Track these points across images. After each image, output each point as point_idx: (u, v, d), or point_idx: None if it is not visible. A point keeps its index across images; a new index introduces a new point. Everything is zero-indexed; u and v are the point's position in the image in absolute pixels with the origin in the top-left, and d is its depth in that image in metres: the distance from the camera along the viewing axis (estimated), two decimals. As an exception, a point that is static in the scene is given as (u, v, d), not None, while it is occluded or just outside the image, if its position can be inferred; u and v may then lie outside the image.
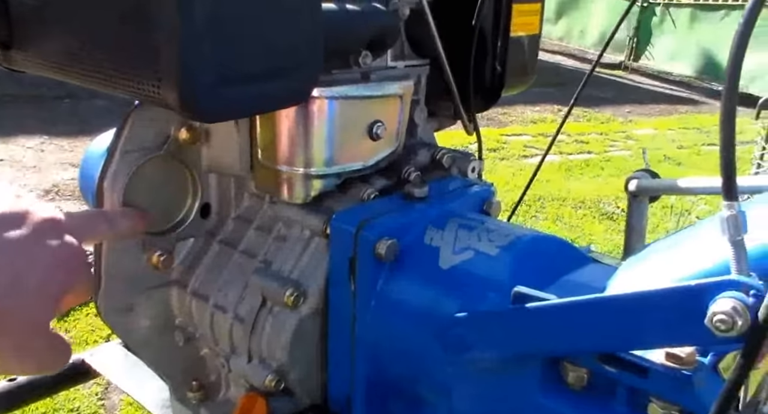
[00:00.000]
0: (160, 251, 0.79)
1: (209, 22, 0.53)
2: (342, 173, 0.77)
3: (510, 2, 0.86)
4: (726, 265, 0.46)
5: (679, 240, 0.58)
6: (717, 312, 0.43)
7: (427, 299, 0.67)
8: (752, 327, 0.42)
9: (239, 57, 0.56)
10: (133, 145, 0.75)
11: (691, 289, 0.45)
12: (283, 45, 0.59)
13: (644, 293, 0.48)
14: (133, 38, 0.54)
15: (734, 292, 0.43)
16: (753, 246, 0.48)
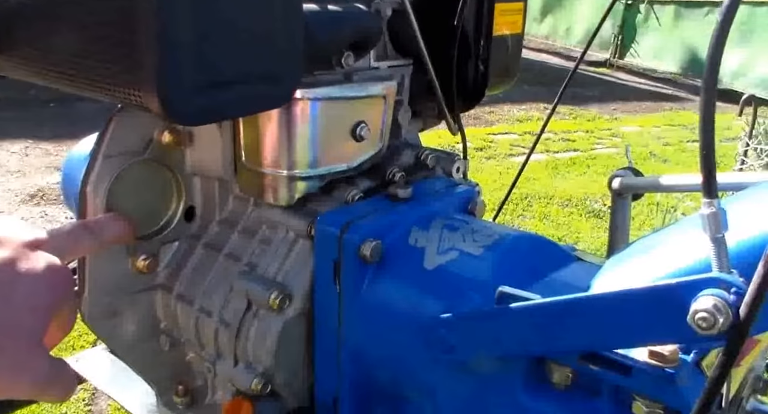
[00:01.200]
0: (144, 255, 0.79)
1: (189, 27, 0.52)
2: (326, 175, 0.77)
3: (492, 2, 0.86)
4: (708, 263, 0.46)
5: (662, 238, 0.58)
6: (698, 310, 0.43)
7: (413, 300, 0.67)
8: (733, 325, 0.42)
9: (220, 61, 0.55)
10: (115, 149, 0.74)
11: (673, 287, 0.45)
12: (263, 48, 0.59)
13: (627, 292, 0.49)
14: (114, 44, 0.54)
15: (715, 289, 0.43)
16: (735, 242, 0.49)
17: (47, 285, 0.47)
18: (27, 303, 0.45)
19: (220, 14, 0.55)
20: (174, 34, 0.52)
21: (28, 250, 0.47)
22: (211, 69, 0.56)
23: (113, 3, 0.53)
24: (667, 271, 0.52)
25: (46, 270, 0.47)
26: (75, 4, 0.56)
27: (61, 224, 2.84)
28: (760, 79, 6.68)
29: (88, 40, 0.57)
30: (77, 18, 0.57)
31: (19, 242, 0.47)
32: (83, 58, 0.58)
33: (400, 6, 0.80)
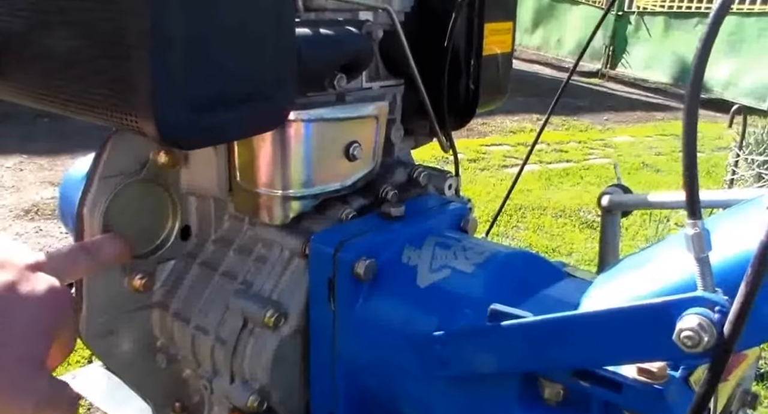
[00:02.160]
0: (141, 274, 0.80)
1: (182, 52, 0.54)
2: (320, 194, 0.78)
3: (482, 22, 0.87)
4: (693, 281, 0.48)
5: (649, 255, 0.59)
6: (684, 328, 0.44)
7: (406, 317, 0.68)
8: (718, 343, 0.43)
9: (214, 86, 0.56)
10: (112, 170, 0.75)
11: (659, 306, 0.46)
12: (257, 73, 0.60)
13: (614, 310, 0.50)
14: (109, 70, 0.55)
15: (700, 308, 0.45)
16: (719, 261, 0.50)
17: (48, 308, 0.47)
18: (29, 326, 0.45)
19: (213, 40, 0.56)
20: (167, 59, 0.53)
21: (29, 272, 0.48)
22: (206, 93, 0.57)
23: (107, 30, 0.54)
24: (653, 289, 0.53)
25: (47, 293, 0.48)
26: (69, 30, 0.58)
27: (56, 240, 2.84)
28: (749, 88, 6.75)
29: (83, 67, 0.58)
30: (72, 44, 0.58)
31: (21, 265, 0.48)
32: (79, 84, 0.59)
33: (391, 27, 0.82)
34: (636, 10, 8.11)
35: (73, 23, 0.56)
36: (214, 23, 0.56)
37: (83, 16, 0.55)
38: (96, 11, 0.54)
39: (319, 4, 0.77)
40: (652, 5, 7.97)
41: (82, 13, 0.55)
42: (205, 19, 0.55)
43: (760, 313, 0.46)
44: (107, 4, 0.53)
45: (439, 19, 0.85)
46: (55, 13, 0.57)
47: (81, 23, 0.56)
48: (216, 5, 0.56)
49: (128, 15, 0.52)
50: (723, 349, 0.43)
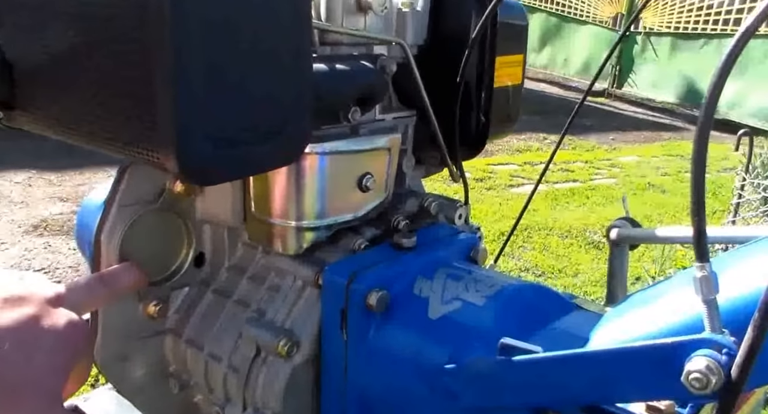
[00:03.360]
0: (155, 301, 0.81)
1: (204, 90, 0.55)
2: (333, 225, 0.79)
3: (493, 55, 0.89)
4: (700, 321, 0.49)
5: (659, 293, 0.60)
6: (692, 370, 0.45)
7: (417, 349, 0.69)
8: (725, 385, 0.44)
9: (234, 123, 0.58)
10: (129, 199, 0.77)
11: (668, 346, 0.48)
12: (276, 109, 0.62)
13: (625, 349, 0.51)
14: (131, 106, 0.57)
15: (708, 350, 0.46)
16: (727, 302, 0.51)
17: (67, 342, 0.49)
18: (50, 361, 0.47)
19: (234, 76, 0.58)
20: (190, 96, 0.55)
21: (50, 307, 0.50)
22: (226, 130, 0.58)
23: (129, 66, 0.55)
24: (662, 328, 0.54)
25: (66, 327, 0.49)
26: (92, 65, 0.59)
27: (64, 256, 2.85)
28: (755, 109, 6.76)
29: (104, 101, 0.59)
30: (94, 78, 0.60)
31: (42, 299, 0.50)
32: (100, 117, 0.61)
33: (404, 60, 0.83)
34: (643, 31, 8.15)
35: (96, 58, 0.58)
36: (236, 60, 0.57)
37: (106, 52, 0.57)
38: (119, 47, 0.56)
39: (335, 39, 0.79)
40: (658, 26, 8.01)
41: (105, 49, 0.57)
42: (226, 56, 0.57)
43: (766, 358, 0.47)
44: (131, 42, 0.55)
45: (452, 53, 0.87)
46: (78, 47, 0.59)
47: (103, 58, 0.57)
48: (237, 42, 0.57)
49: (152, 52, 0.54)
50: (730, 392, 0.44)
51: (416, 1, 0.86)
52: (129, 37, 0.54)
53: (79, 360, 0.51)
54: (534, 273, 3.02)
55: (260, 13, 0.59)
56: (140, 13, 0.53)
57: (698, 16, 7.56)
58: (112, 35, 0.55)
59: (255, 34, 0.58)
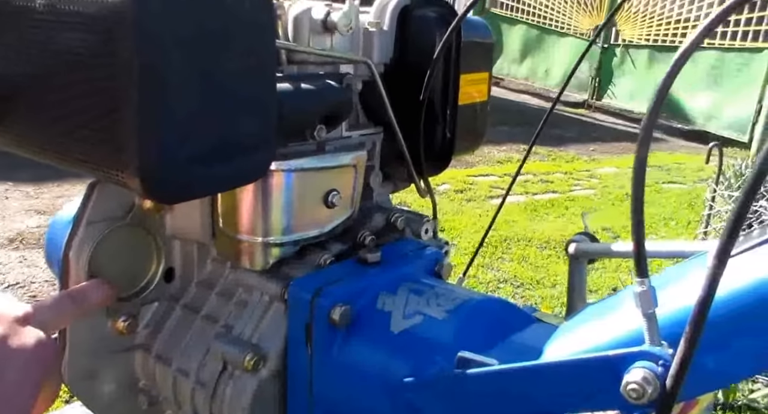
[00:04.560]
0: (124, 316, 0.82)
1: (169, 113, 0.57)
2: (299, 241, 0.81)
3: (458, 73, 0.92)
4: (642, 335, 0.51)
5: (607, 308, 0.62)
6: (630, 381, 0.47)
7: (379, 363, 0.71)
8: (661, 395, 0.46)
9: (199, 146, 0.59)
10: (98, 216, 0.78)
11: (610, 358, 0.50)
12: (241, 130, 0.63)
13: (571, 361, 0.53)
14: (97, 129, 0.58)
15: (645, 362, 0.48)
16: (667, 315, 0.53)
17: (37, 361, 0.50)
18: (18, 380, 0.48)
19: (198, 100, 0.59)
20: (154, 119, 0.56)
21: (18, 326, 0.51)
22: (190, 152, 0.60)
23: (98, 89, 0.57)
24: (607, 341, 0.56)
25: (35, 345, 0.50)
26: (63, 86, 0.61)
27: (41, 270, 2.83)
28: (730, 121, 6.88)
29: (71, 123, 0.61)
30: (62, 101, 0.61)
31: (9, 318, 0.51)
32: (67, 138, 0.62)
33: (371, 78, 0.86)
34: (621, 43, 8.27)
35: (64, 82, 0.60)
36: (200, 83, 0.59)
37: (77, 74, 0.58)
38: (85, 72, 0.57)
39: (302, 58, 0.81)
40: (637, 39, 8.13)
41: (72, 73, 0.58)
42: (190, 79, 0.58)
43: (702, 367, 0.50)
44: (96, 67, 0.56)
45: (417, 71, 0.89)
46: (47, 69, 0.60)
47: (70, 82, 0.59)
48: (201, 65, 0.59)
49: (120, 76, 0.55)
50: (666, 401, 0.46)
51: (382, 21, 0.88)
52: (94, 63, 0.56)
53: (49, 378, 0.52)
54: (512, 284, 3.05)
55: (224, 36, 0.60)
56: (106, 38, 0.54)
57: (675, 29, 7.69)
58: (79, 60, 0.57)
59: (219, 56, 0.60)
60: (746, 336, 0.49)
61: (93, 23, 0.55)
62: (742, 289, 0.49)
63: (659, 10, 7.88)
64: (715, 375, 0.52)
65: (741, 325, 0.49)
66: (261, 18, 0.63)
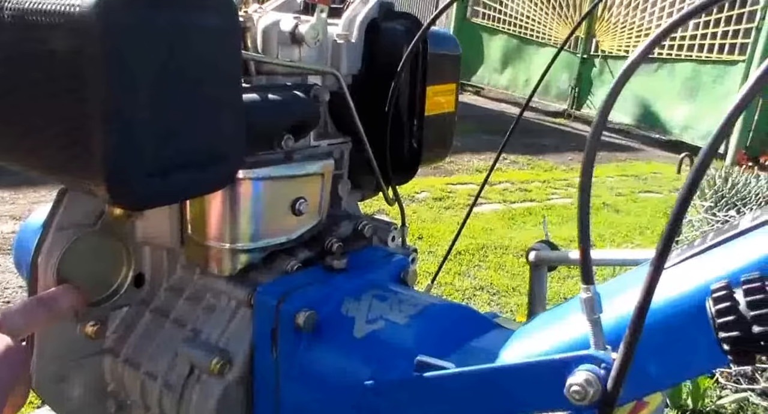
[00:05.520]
0: (93, 321, 0.83)
1: (136, 124, 0.58)
2: (267, 247, 0.82)
3: (424, 85, 0.94)
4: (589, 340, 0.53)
5: (558, 314, 0.65)
6: (573, 383, 0.49)
7: (343, 367, 0.72)
8: (602, 396, 0.49)
9: (166, 155, 0.61)
10: (67, 222, 0.79)
11: (555, 362, 0.52)
12: (207, 140, 0.65)
13: (520, 365, 0.55)
14: (65, 138, 0.59)
15: (589, 365, 0.50)
16: (613, 320, 0.56)
17: (5, 366, 0.51)
18: None
19: (165, 112, 0.61)
20: (122, 130, 0.58)
21: None
22: (158, 160, 0.61)
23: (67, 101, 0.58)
24: (559, 344, 0.58)
25: (4, 351, 0.51)
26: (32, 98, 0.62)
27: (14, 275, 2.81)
28: (706, 132, 6.99)
29: (40, 132, 0.62)
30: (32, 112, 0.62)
31: None
32: (36, 147, 0.63)
33: (339, 89, 0.88)
34: (600, 54, 8.38)
35: (34, 93, 0.61)
36: (167, 95, 0.61)
37: (43, 87, 0.60)
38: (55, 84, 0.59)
39: (270, 69, 0.83)
40: (616, 50, 8.24)
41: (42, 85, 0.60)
42: (158, 92, 0.60)
43: (643, 370, 0.52)
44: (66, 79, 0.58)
45: (385, 82, 0.91)
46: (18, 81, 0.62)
47: (40, 94, 0.60)
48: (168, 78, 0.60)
49: (88, 88, 0.57)
50: (607, 402, 0.48)
51: (351, 33, 0.90)
52: (64, 75, 0.57)
53: (17, 384, 0.53)
54: (488, 291, 3.08)
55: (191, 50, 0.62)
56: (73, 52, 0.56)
57: (653, 41, 7.81)
58: (48, 73, 0.58)
59: (186, 70, 0.62)
60: (685, 341, 0.51)
61: (60, 36, 0.56)
62: (681, 296, 0.52)
63: (638, 22, 8.00)
64: (657, 378, 0.54)
65: (680, 330, 0.51)
66: (226, 32, 0.65)
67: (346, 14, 0.91)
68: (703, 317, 0.47)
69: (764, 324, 0.40)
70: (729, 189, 2.84)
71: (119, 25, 0.55)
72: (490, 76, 9.45)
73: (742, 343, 0.41)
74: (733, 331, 0.41)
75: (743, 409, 2.13)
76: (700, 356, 0.47)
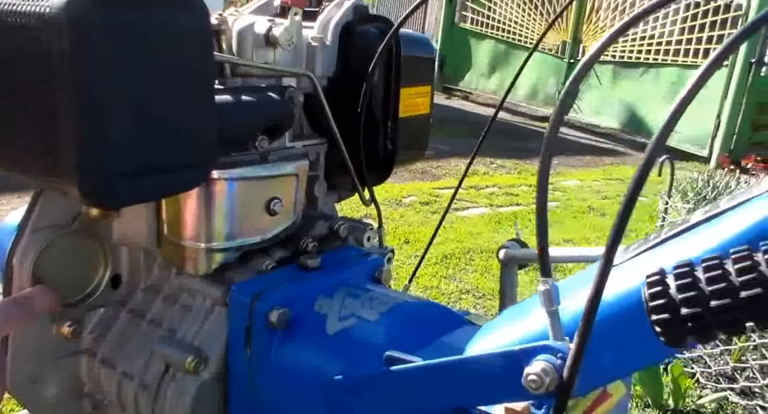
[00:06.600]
0: (70, 322, 0.84)
1: (108, 126, 0.59)
2: (242, 246, 0.84)
3: (398, 87, 0.95)
4: (547, 331, 0.55)
5: (522, 308, 0.66)
6: (530, 373, 0.51)
7: (315, 363, 0.73)
8: (558, 385, 0.50)
9: (137, 155, 0.62)
10: (43, 223, 0.80)
11: (516, 353, 0.53)
12: (179, 142, 0.66)
13: (482, 357, 0.56)
14: (37, 137, 0.60)
15: (547, 355, 0.52)
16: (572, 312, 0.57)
17: None
18: None
19: (136, 113, 0.62)
20: (93, 132, 0.59)
21: None
22: (129, 159, 0.62)
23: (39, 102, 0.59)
24: (519, 337, 0.60)
25: None
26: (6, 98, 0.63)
27: None
28: (690, 136, 7.07)
29: (13, 133, 0.63)
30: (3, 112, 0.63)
31: None
32: (9, 147, 0.64)
33: (314, 91, 0.89)
34: (586, 59, 8.45)
35: (11, 92, 0.62)
36: (138, 96, 0.62)
37: (14, 87, 0.61)
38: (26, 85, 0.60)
39: (245, 71, 0.84)
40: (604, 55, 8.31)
41: (14, 85, 0.61)
42: (129, 93, 0.61)
43: (599, 360, 0.53)
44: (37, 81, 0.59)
45: (359, 84, 0.93)
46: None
47: (17, 93, 0.61)
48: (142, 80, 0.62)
49: (59, 88, 0.58)
50: (563, 391, 0.50)
51: (325, 36, 0.92)
52: (36, 75, 0.58)
53: None
54: (474, 295, 3.10)
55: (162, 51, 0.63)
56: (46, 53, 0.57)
57: (640, 46, 7.89)
58: (21, 73, 0.59)
59: (157, 71, 0.63)
60: (637, 331, 0.53)
61: (31, 37, 0.57)
62: (631, 288, 0.54)
63: (624, 27, 8.07)
64: (613, 368, 0.55)
65: (631, 321, 0.53)
66: (198, 33, 0.66)
67: (321, 17, 0.93)
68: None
69: (691, 306, 0.41)
70: (711, 191, 2.88)
71: (89, 24, 0.56)
72: (478, 81, 9.51)
73: (672, 325, 0.42)
74: (663, 314, 0.42)
75: (723, 409, 2.16)
76: (652, 345, 0.49)
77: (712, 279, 0.41)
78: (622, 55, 8.14)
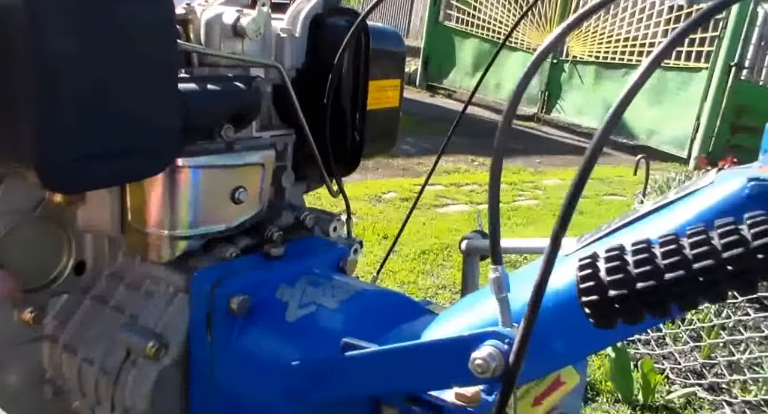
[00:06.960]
0: (32, 308, 0.84)
1: (66, 110, 0.60)
2: (206, 234, 0.84)
3: (366, 80, 0.96)
4: (497, 318, 0.56)
5: (478, 297, 0.67)
6: (476, 357, 0.52)
7: (274, 349, 0.74)
8: (505, 369, 0.51)
9: (96, 141, 0.62)
10: (6, 207, 0.80)
11: (465, 338, 0.54)
12: (139, 125, 0.66)
13: (433, 342, 0.57)
14: None
15: (494, 340, 0.53)
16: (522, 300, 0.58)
17: None
18: None
19: (95, 98, 0.62)
20: (51, 116, 0.59)
21: None
22: (87, 144, 0.63)
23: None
24: (473, 323, 0.61)
25: None
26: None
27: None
28: (670, 137, 7.14)
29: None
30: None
31: None
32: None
33: (282, 82, 0.89)
34: (570, 59, 8.50)
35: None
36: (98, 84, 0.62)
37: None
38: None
39: (213, 60, 0.85)
40: (587, 56, 8.37)
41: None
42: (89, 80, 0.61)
43: (548, 347, 0.55)
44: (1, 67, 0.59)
45: (328, 76, 0.93)
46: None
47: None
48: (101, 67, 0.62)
49: (17, 72, 0.58)
50: (509, 375, 0.51)
51: (294, 28, 0.92)
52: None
53: None
54: (451, 290, 3.11)
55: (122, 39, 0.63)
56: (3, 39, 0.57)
57: (624, 47, 7.94)
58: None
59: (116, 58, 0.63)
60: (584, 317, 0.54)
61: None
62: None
63: (609, 28, 8.13)
64: (563, 353, 0.57)
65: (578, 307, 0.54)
66: (160, 22, 0.66)
67: (291, 9, 0.93)
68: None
69: (618, 288, 0.42)
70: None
71: (47, 11, 0.56)
72: (462, 80, 9.52)
73: (600, 306, 0.43)
74: (592, 295, 0.43)
75: (691, 404, 2.19)
76: (598, 330, 0.50)
77: (639, 262, 0.42)
78: (606, 56, 8.20)
